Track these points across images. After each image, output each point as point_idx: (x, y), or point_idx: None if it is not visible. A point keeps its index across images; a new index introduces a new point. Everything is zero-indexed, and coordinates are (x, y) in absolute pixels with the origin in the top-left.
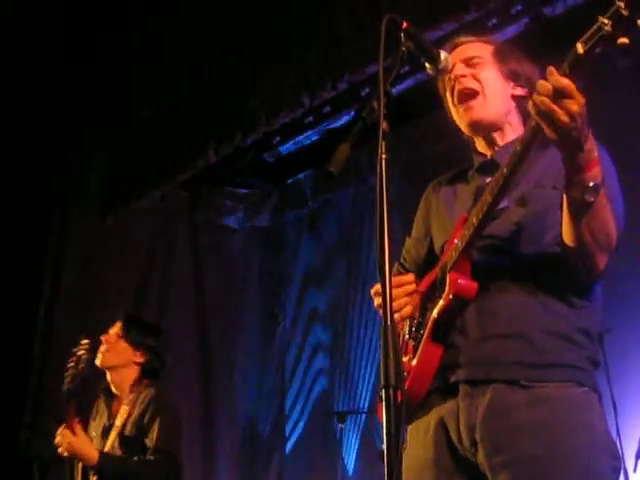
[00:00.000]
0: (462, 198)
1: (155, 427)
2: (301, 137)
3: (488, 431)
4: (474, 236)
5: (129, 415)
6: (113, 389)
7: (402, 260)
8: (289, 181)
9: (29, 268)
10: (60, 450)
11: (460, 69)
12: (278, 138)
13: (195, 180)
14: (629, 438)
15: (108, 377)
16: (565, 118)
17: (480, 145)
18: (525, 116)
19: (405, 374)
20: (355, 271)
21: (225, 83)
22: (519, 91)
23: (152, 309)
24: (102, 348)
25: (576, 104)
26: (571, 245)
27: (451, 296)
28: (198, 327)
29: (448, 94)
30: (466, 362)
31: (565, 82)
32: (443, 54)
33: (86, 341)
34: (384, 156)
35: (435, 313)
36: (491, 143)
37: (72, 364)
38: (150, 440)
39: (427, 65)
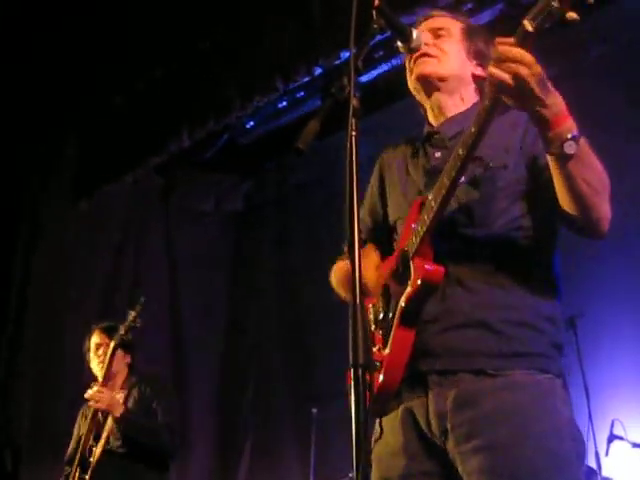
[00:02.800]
0: (413, 173)
1: (159, 409)
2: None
3: (458, 419)
4: (434, 221)
5: (126, 399)
6: None
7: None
8: (263, 165)
9: (0, 252)
10: (98, 405)
11: (426, 37)
12: (252, 123)
13: (169, 164)
14: (601, 422)
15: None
16: (512, 81)
17: (430, 114)
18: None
19: (377, 364)
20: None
21: (198, 67)
22: (480, 71)
23: (124, 293)
24: (99, 361)
25: (525, 67)
26: (572, 211)
27: (419, 282)
28: (170, 311)
29: (407, 62)
30: (433, 352)
31: (513, 51)
32: (415, 32)
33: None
34: (354, 133)
35: (403, 301)
36: (439, 110)
37: (132, 319)
38: (157, 416)
39: (399, 44)
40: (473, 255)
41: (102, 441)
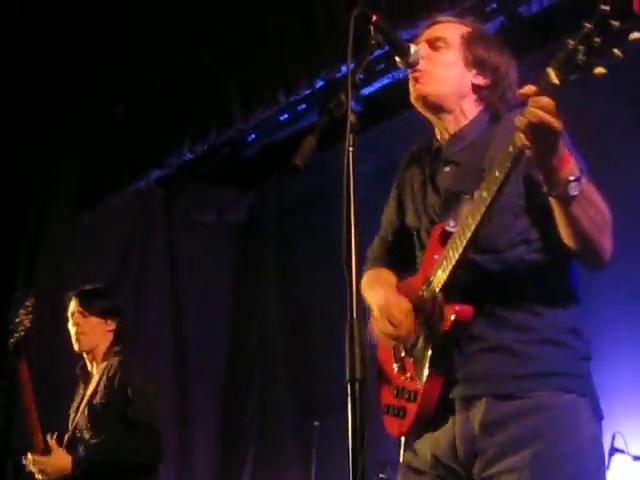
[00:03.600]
0: (428, 187)
1: (130, 397)
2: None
3: (485, 443)
4: (461, 259)
5: (98, 384)
6: (89, 366)
7: (382, 233)
8: (265, 178)
9: (3, 267)
10: (38, 478)
11: (422, 49)
12: (254, 135)
13: (170, 177)
14: (602, 435)
15: (85, 357)
16: (550, 137)
17: (436, 129)
18: (486, 103)
19: (412, 394)
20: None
21: (200, 79)
22: (480, 80)
23: (127, 307)
24: (74, 332)
25: (555, 118)
26: (574, 245)
27: (450, 324)
28: (172, 324)
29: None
30: (460, 379)
31: (544, 100)
32: (413, 48)
33: (30, 302)
34: (351, 149)
35: (433, 340)
36: (443, 127)
37: (19, 321)
38: (131, 411)
39: (397, 59)
40: (484, 277)
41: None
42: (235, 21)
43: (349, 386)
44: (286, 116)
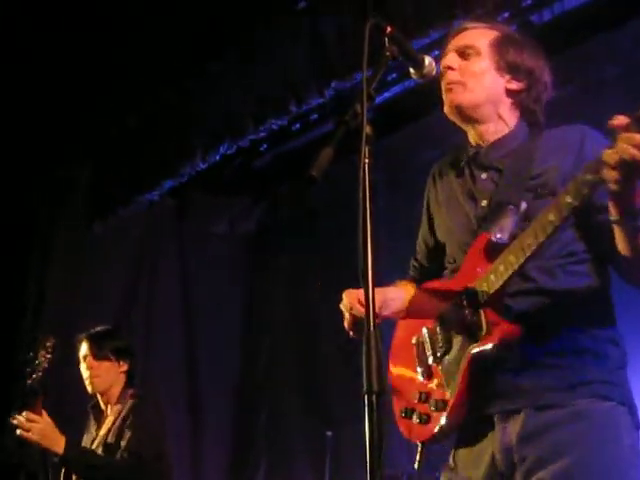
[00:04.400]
0: (460, 197)
1: (129, 431)
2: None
3: (524, 453)
4: (513, 276)
5: (113, 424)
6: (102, 405)
7: (416, 253)
8: (276, 188)
9: (13, 277)
10: (28, 435)
11: (450, 59)
12: (265, 145)
13: (182, 187)
14: None
15: (98, 397)
16: (637, 174)
17: (471, 136)
18: (522, 108)
19: (439, 403)
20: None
21: (211, 90)
22: (514, 85)
23: (138, 318)
24: (87, 375)
25: None
26: (633, 268)
27: (496, 342)
28: (185, 335)
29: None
30: (497, 394)
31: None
32: (427, 59)
33: (50, 343)
34: (367, 161)
35: (473, 352)
36: (481, 136)
37: (38, 362)
38: (123, 441)
39: (411, 70)
40: (529, 289)
41: None
42: (247, 31)
43: (366, 398)
44: (297, 126)
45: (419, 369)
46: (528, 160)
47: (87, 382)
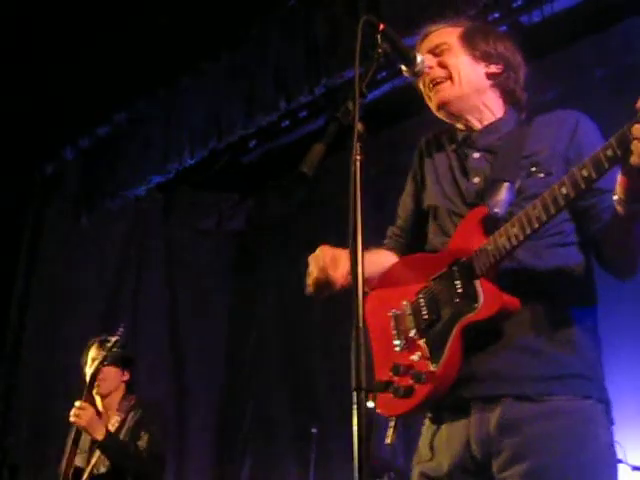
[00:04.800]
0: (455, 170)
1: (146, 433)
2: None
3: (501, 445)
4: (515, 248)
5: (121, 424)
6: (100, 408)
7: (397, 220)
8: (265, 184)
9: (1, 269)
10: (77, 420)
11: (428, 60)
12: (254, 142)
13: (170, 182)
14: None
15: (98, 401)
16: None
17: (460, 127)
18: (505, 91)
19: (423, 377)
20: None
21: (202, 86)
22: (493, 69)
23: (125, 311)
24: (94, 378)
25: None
26: (619, 256)
27: (495, 311)
28: (170, 331)
29: (421, 86)
30: (477, 377)
31: None
32: (419, 57)
33: (110, 341)
34: (358, 157)
35: (466, 321)
36: (471, 126)
37: (95, 356)
38: (142, 442)
39: (403, 68)
40: (517, 267)
41: (89, 467)
42: (238, 28)
43: (355, 395)
44: (287, 123)
45: (397, 342)
46: (521, 142)
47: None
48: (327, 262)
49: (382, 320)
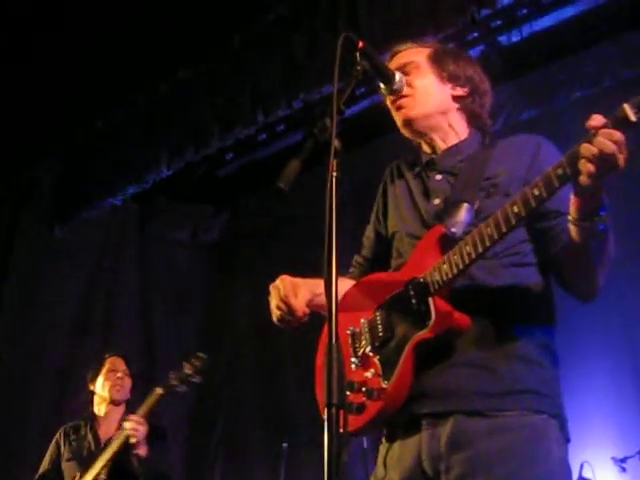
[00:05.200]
0: (416, 195)
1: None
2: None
3: (452, 461)
4: (468, 266)
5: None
6: (102, 414)
7: (362, 249)
8: (240, 197)
9: None
10: (134, 434)
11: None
12: (231, 154)
13: (146, 193)
14: (571, 464)
15: (105, 408)
16: (610, 171)
17: (425, 147)
18: (470, 115)
19: (375, 392)
20: None
21: (180, 97)
22: (459, 91)
23: (97, 321)
24: (121, 384)
25: (623, 153)
26: (578, 276)
27: (441, 331)
28: (143, 341)
29: (389, 104)
30: (428, 394)
31: (617, 135)
32: (397, 75)
33: (200, 361)
34: (334, 174)
35: (418, 338)
36: (434, 146)
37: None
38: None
39: (381, 85)
40: (467, 286)
41: (94, 471)
42: (217, 41)
43: (326, 410)
44: (264, 136)
45: (353, 359)
46: (482, 164)
47: (117, 388)
48: (287, 290)
49: (341, 338)
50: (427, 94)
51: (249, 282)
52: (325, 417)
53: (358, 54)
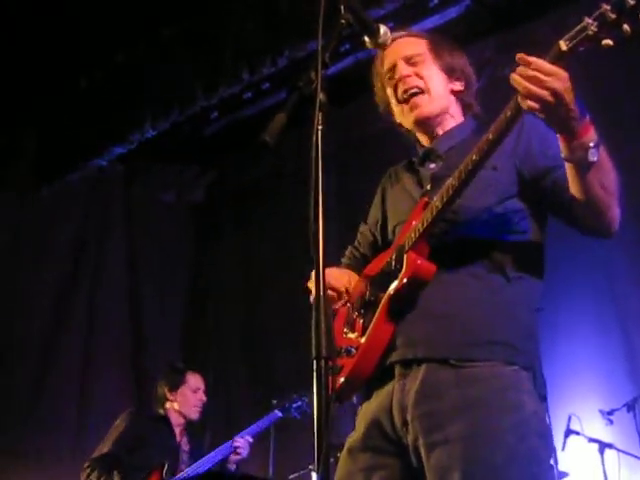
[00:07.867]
0: (408, 185)
1: None
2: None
3: (418, 412)
4: (436, 218)
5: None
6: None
7: (356, 244)
8: (226, 157)
9: None
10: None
11: (404, 68)
12: (216, 113)
13: (131, 154)
14: (558, 417)
15: (173, 415)
16: (551, 98)
17: (423, 138)
18: (465, 105)
19: (353, 351)
20: (289, 250)
21: (163, 55)
22: (457, 86)
23: (84, 282)
24: (201, 404)
25: (560, 82)
26: (587, 213)
27: (407, 279)
28: (130, 302)
29: (389, 91)
30: (401, 344)
31: (545, 66)
32: (383, 28)
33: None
34: (320, 127)
35: (391, 290)
36: (433, 136)
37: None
38: None
39: (366, 39)
40: (457, 250)
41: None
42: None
43: (315, 363)
44: (249, 95)
45: (345, 328)
46: (472, 145)
47: (196, 410)
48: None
49: (340, 312)
50: (438, 88)
51: (235, 240)
52: (314, 370)
53: (342, 7)
